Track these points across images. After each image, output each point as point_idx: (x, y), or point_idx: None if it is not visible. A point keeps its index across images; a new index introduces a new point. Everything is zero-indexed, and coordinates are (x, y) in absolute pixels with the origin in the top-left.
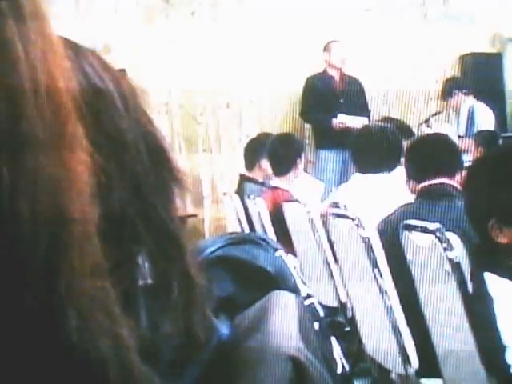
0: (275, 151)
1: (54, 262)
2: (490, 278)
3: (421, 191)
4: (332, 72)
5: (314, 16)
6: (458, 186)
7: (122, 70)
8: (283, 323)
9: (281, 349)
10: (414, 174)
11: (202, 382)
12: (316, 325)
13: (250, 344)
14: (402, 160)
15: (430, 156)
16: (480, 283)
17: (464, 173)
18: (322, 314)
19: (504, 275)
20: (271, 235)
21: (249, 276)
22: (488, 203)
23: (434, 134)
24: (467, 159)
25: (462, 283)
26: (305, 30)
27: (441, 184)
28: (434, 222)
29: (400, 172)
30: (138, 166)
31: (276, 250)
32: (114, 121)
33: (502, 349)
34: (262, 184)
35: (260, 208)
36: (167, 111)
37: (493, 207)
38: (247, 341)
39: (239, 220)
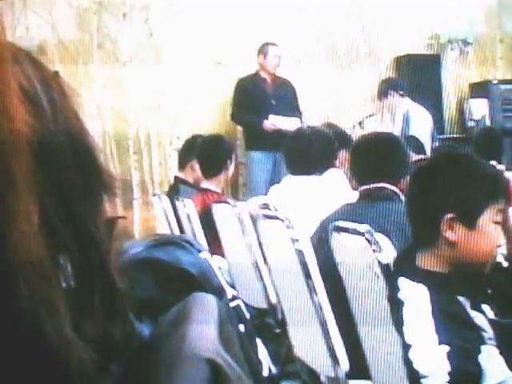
0: (204, 153)
1: (2, 228)
2: (403, 282)
3: (362, 193)
4: (264, 74)
5: (248, 17)
6: (399, 192)
7: (55, 72)
8: (202, 326)
9: (198, 351)
10: (357, 175)
11: None
12: (241, 327)
13: (169, 346)
14: (335, 162)
15: (374, 159)
16: (394, 288)
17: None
18: (247, 315)
19: (417, 280)
20: (200, 237)
21: (171, 278)
22: (451, 197)
23: (382, 134)
24: None
25: (390, 285)
26: (237, 31)
27: (381, 188)
28: (372, 223)
29: (332, 174)
30: (62, 170)
31: (201, 251)
32: (40, 124)
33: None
34: (193, 186)
35: (189, 210)
36: (99, 114)
37: (455, 202)
38: (166, 342)
39: (168, 222)
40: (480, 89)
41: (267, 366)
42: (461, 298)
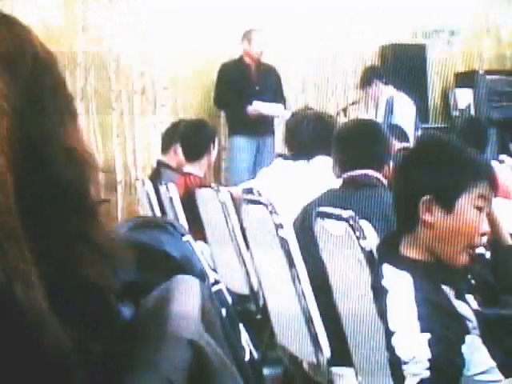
0: (187, 137)
1: None
2: (387, 269)
3: (345, 180)
4: (248, 60)
5: (232, 2)
6: (383, 178)
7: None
8: (185, 307)
9: (180, 332)
10: (341, 162)
11: (103, 366)
12: (223, 311)
13: (151, 327)
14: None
15: (357, 146)
16: (378, 275)
17: (392, 164)
18: (229, 300)
19: (401, 267)
20: (183, 221)
21: (153, 260)
22: (428, 179)
23: (365, 121)
24: None
25: (373, 272)
26: (222, 16)
27: (365, 175)
28: (355, 209)
29: (320, 161)
30: (53, 159)
31: (183, 235)
32: (16, 96)
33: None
34: (176, 170)
35: (172, 194)
36: (83, 97)
37: (432, 184)
38: (148, 323)
39: (151, 206)
40: (465, 78)
41: (249, 351)
42: (444, 287)
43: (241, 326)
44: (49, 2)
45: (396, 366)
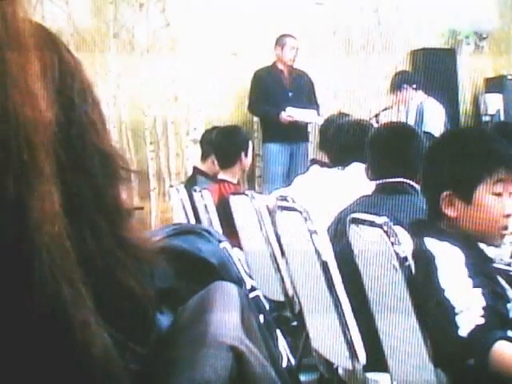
0: (220, 144)
1: (23, 202)
2: (429, 241)
3: (378, 186)
4: (281, 66)
5: (264, 9)
6: (416, 185)
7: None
8: (225, 313)
9: (221, 338)
10: (374, 168)
11: (143, 375)
12: (261, 317)
13: (192, 333)
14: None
15: (391, 153)
16: (420, 245)
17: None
18: (267, 306)
19: (443, 239)
20: (217, 228)
21: (191, 267)
22: (445, 174)
23: (398, 126)
24: None
25: (408, 278)
26: (254, 22)
27: (398, 182)
28: (389, 216)
29: (355, 168)
30: (84, 153)
31: (220, 241)
32: (61, 105)
33: (452, 318)
34: (211, 177)
35: (206, 201)
36: (115, 103)
37: (449, 179)
38: (189, 330)
39: (185, 213)
40: (495, 83)
41: (286, 358)
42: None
43: (278, 332)
44: (79, 7)
45: (449, 317)
